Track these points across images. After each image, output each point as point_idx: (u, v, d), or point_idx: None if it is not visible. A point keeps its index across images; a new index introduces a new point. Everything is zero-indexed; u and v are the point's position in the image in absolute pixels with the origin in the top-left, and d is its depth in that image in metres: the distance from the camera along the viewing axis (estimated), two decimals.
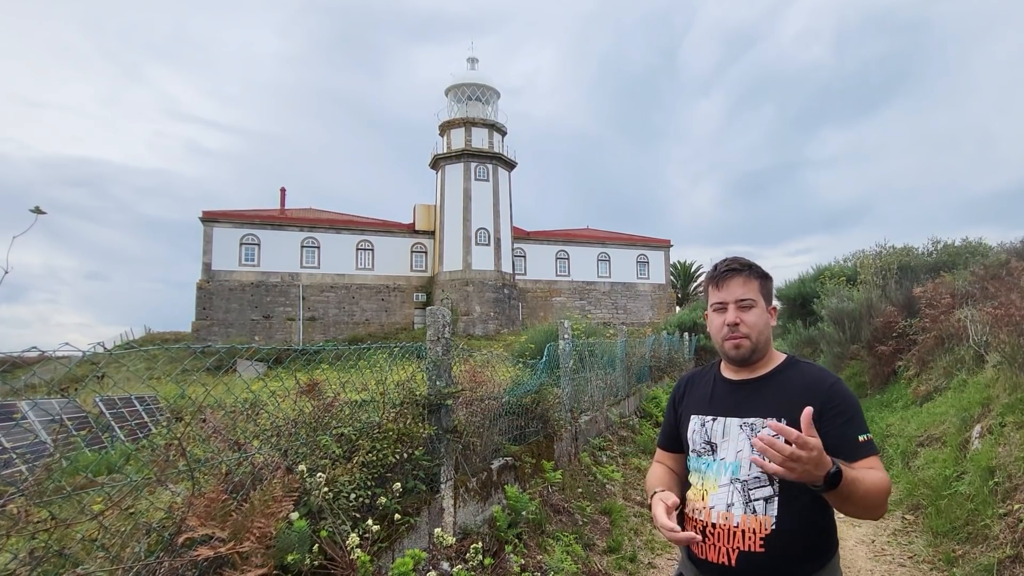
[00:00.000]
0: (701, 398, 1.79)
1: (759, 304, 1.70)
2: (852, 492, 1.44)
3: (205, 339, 35.73)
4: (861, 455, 1.53)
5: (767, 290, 1.74)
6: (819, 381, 1.63)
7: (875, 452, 1.56)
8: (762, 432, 1.49)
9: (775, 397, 1.63)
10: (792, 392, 1.62)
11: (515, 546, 3.87)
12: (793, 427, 1.48)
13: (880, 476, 1.51)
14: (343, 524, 2.60)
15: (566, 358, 6.51)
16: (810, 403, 1.50)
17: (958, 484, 4.79)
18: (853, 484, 1.44)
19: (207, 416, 2.96)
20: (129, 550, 2.03)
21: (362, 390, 3.47)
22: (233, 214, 39.32)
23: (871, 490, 1.47)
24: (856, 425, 1.56)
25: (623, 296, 46.59)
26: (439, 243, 41.28)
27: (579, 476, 5.93)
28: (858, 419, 1.57)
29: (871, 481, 1.48)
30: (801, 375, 1.66)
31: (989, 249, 12.71)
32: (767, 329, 1.71)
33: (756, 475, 1.57)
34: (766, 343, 1.71)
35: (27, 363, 2.24)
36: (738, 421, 1.64)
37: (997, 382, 5.74)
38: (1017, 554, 3.64)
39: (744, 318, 1.68)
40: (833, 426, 1.54)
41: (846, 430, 1.55)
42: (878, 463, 1.55)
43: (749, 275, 1.71)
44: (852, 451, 1.53)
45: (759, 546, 1.54)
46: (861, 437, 1.55)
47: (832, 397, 1.58)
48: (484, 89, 42.65)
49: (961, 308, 8.13)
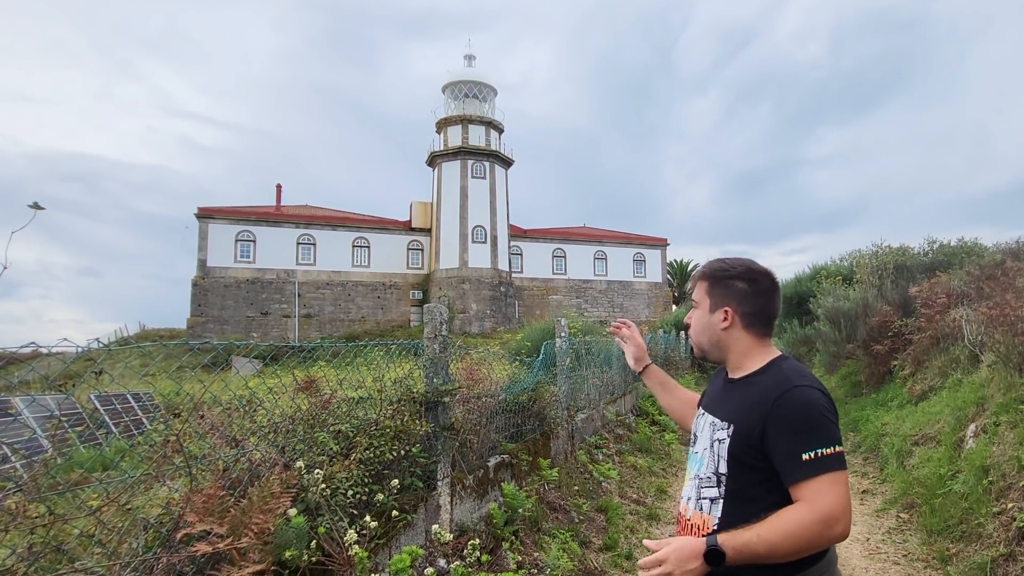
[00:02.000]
0: (711, 392, 1.80)
1: (701, 306, 1.69)
2: (751, 556, 1.36)
3: (200, 336, 35.64)
4: (801, 476, 1.37)
5: (715, 290, 1.67)
6: (772, 389, 1.47)
7: (822, 472, 1.35)
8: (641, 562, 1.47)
9: (735, 402, 1.58)
10: (750, 400, 1.52)
11: (512, 543, 3.88)
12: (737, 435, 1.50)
13: (796, 516, 1.35)
14: (341, 520, 2.60)
15: (563, 356, 6.52)
16: (758, 414, 1.46)
17: (952, 483, 4.81)
18: (747, 548, 1.35)
19: (204, 413, 2.96)
20: (126, 546, 2.02)
21: (359, 387, 3.47)
22: (228, 210, 39.20)
23: (778, 545, 1.34)
24: (802, 440, 1.38)
25: (620, 294, 46.64)
26: (436, 240, 41.24)
27: (575, 474, 5.94)
28: (806, 434, 1.38)
29: (776, 532, 1.34)
30: (763, 381, 1.54)
31: (985, 249, 12.75)
32: (708, 330, 1.66)
33: (708, 475, 1.57)
34: (712, 345, 1.67)
35: (22, 359, 2.23)
36: (711, 419, 1.64)
37: (992, 382, 5.77)
38: (1010, 552, 3.67)
39: (692, 318, 1.72)
40: (777, 442, 1.41)
41: (789, 447, 1.39)
42: (820, 486, 1.35)
43: (699, 277, 1.72)
44: (792, 471, 1.38)
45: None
46: (806, 455, 1.36)
47: (778, 408, 1.43)
48: (481, 86, 42.61)
49: (957, 308, 8.16)
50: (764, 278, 1.65)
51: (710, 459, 1.57)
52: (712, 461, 1.56)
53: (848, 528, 1.37)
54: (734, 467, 1.50)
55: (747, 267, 1.67)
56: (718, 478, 1.54)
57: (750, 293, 1.64)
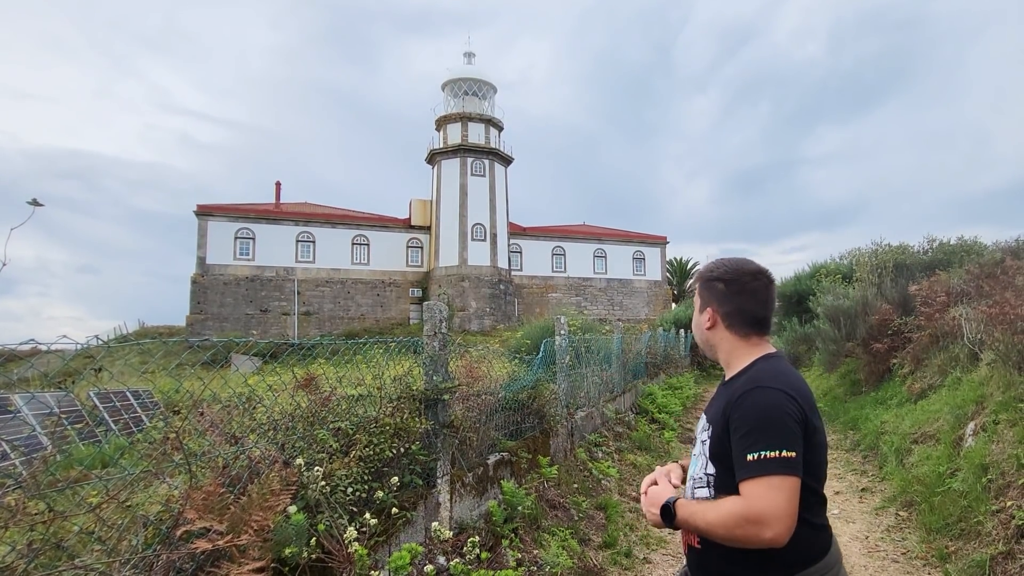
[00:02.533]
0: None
1: (696, 307, 1.77)
2: (693, 526, 1.52)
3: (200, 333, 35.63)
4: (742, 475, 1.43)
5: (702, 293, 1.73)
6: (739, 388, 1.54)
7: (761, 474, 1.39)
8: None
9: (718, 403, 1.63)
10: (728, 398, 1.57)
11: (511, 541, 3.88)
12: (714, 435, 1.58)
13: (728, 508, 1.42)
14: (340, 518, 2.60)
15: (562, 354, 6.52)
16: (726, 412, 1.54)
17: (951, 481, 4.81)
18: (691, 518, 1.51)
19: (204, 410, 2.95)
20: (126, 543, 2.02)
21: (359, 385, 3.47)
22: (228, 208, 39.17)
23: (712, 524, 1.44)
24: (748, 441, 1.43)
25: (619, 292, 46.65)
26: (435, 238, 41.23)
27: (575, 472, 5.94)
28: (755, 434, 1.43)
29: (712, 516, 1.45)
30: (741, 381, 1.58)
31: (984, 248, 12.76)
32: (698, 331, 1.77)
33: (700, 475, 1.61)
34: (705, 346, 1.75)
35: (22, 356, 2.23)
36: (704, 420, 1.69)
37: (991, 380, 5.77)
38: (1009, 550, 3.67)
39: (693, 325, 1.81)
40: (734, 439, 1.48)
41: (739, 446, 1.46)
42: (756, 487, 1.39)
43: (695, 280, 1.81)
44: (738, 469, 1.45)
45: (696, 542, 1.60)
46: (750, 456, 1.41)
47: (738, 407, 1.50)
48: (481, 84, 42.58)
49: (956, 306, 8.16)
50: (745, 277, 1.67)
51: (701, 460, 1.63)
52: (703, 462, 1.61)
53: (782, 536, 1.37)
54: (717, 467, 1.56)
55: (729, 267, 1.69)
56: (708, 479, 1.59)
57: (727, 293, 1.67)
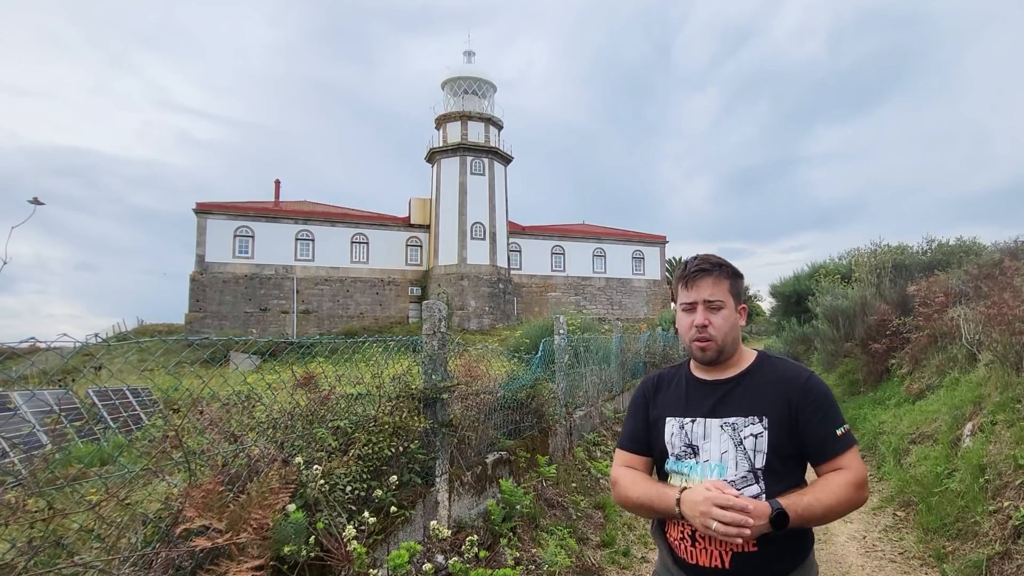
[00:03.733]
0: (676, 400, 1.75)
1: (728, 305, 1.67)
2: (809, 519, 1.49)
3: (199, 331, 35.60)
4: (839, 449, 1.56)
5: (737, 289, 1.71)
6: (794, 376, 1.63)
7: (852, 444, 1.58)
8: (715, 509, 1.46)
9: (752, 395, 1.63)
10: (768, 389, 1.63)
11: (509, 539, 3.89)
12: (775, 425, 1.58)
13: (846, 480, 1.52)
14: (339, 516, 2.61)
15: (561, 353, 6.53)
16: (787, 399, 1.59)
17: (949, 481, 4.82)
18: (807, 513, 1.48)
19: (203, 408, 2.96)
20: (125, 540, 2.03)
21: (358, 383, 3.47)
22: (227, 206, 39.12)
23: (832, 506, 1.50)
24: (833, 419, 1.58)
25: (618, 292, 46.64)
26: (434, 237, 41.20)
27: (573, 471, 5.95)
28: (834, 412, 1.59)
29: (832, 497, 1.50)
30: (775, 371, 1.67)
31: (983, 248, 12.76)
32: (734, 330, 1.69)
33: (743, 474, 1.56)
34: (733, 344, 1.69)
35: (21, 354, 2.23)
36: (718, 422, 1.62)
37: (989, 381, 5.78)
38: (1006, 551, 3.68)
39: (712, 320, 1.66)
40: (811, 422, 1.57)
41: (824, 426, 1.57)
42: (853, 457, 1.57)
43: (719, 275, 1.68)
44: (832, 447, 1.56)
45: (753, 545, 1.52)
46: (839, 431, 1.57)
47: (808, 392, 1.59)
48: (481, 83, 42.52)
49: (955, 307, 8.17)
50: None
51: (741, 459, 1.58)
52: (746, 460, 1.58)
53: (868, 492, 1.59)
54: (772, 458, 1.57)
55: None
56: (755, 474, 1.57)
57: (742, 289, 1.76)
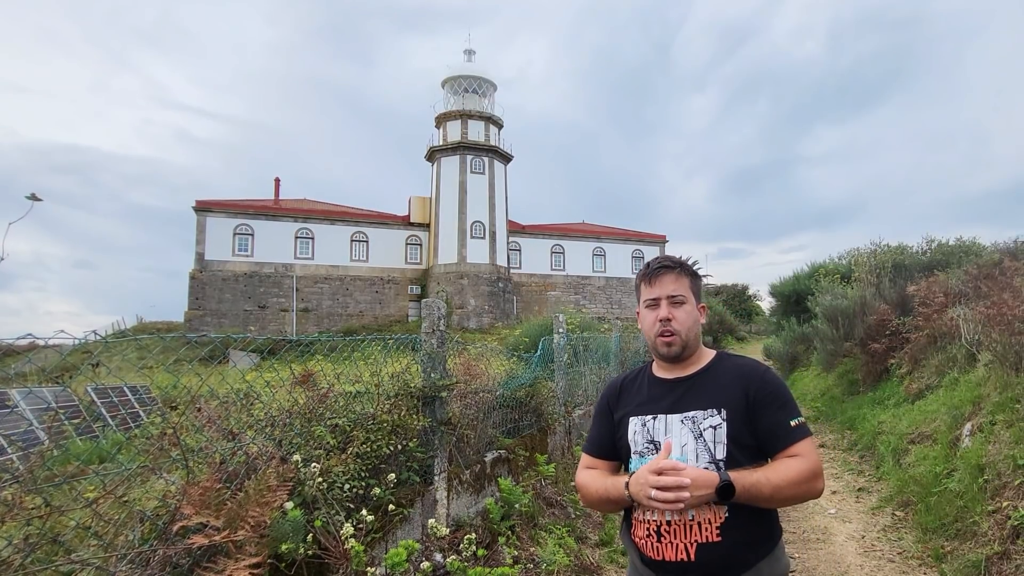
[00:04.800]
0: (637, 399, 1.80)
1: (689, 301, 1.76)
2: (756, 496, 1.53)
3: (198, 329, 35.58)
4: (793, 439, 1.61)
5: (697, 288, 1.80)
6: (751, 370, 1.71)
7: (807, 435, 1.64)
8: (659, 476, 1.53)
9: (712, 389, 1.69)
10: (727, 383, 1.69)
11: (508, 538, 3.89)
12: (733, 416, 1.64)
13: (797, 466, 1.57)
14: (337, 514, 2.60)
15: (560, 352, 6.52)
16: (744, 391, 1.66)
17: (948, 481, 4.82)
18: (754, 489, 1.53)
19: (201, 406, 2.95)
20: (123, 538, 2.02)
21: (356, 382, 3.47)
22: (227, 204, 39.10)
23: (781, 486, 1.54)
24: (788, 410, 1.64)
25: (618, 291, 46.63)
26: (434, 236, 41.17)
27: (572, 469, 5.94)
28: (790, 405, 1.65)
29: (781, 477, 1.55)
30: (734, 367, 1.74)
31: (983, 248, 12.77)
32: (696, 326, 1.76)
33: (704, 466, 1.60)
34: (696, 340, 1.76)
35: (19, 351, 2.23)
36: (679, 416, 1.68)
37: (988, 381, 5.78)
38: (1005, 551, 3.68)
39: (676, 314, 1.73)
40: (767, 413, 1.64)
41: (778, 416, 1.63)
42: (808, 447, 1.61)
43: (680, 272, 1.77)
44: (785, 436, 1.62)
45: (716, 535, 1.57)
46: (793, 422, 1.63)
47: (765, 384, 1.66)
48: (481, 81, 42.49)
49: (954, 307, 8.17)
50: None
51: (701, 450, 1.63)
52: (705, 451, 1.62)
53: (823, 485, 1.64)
54: (732, 448, 1.61)
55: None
56: (716, 465, 1.60)
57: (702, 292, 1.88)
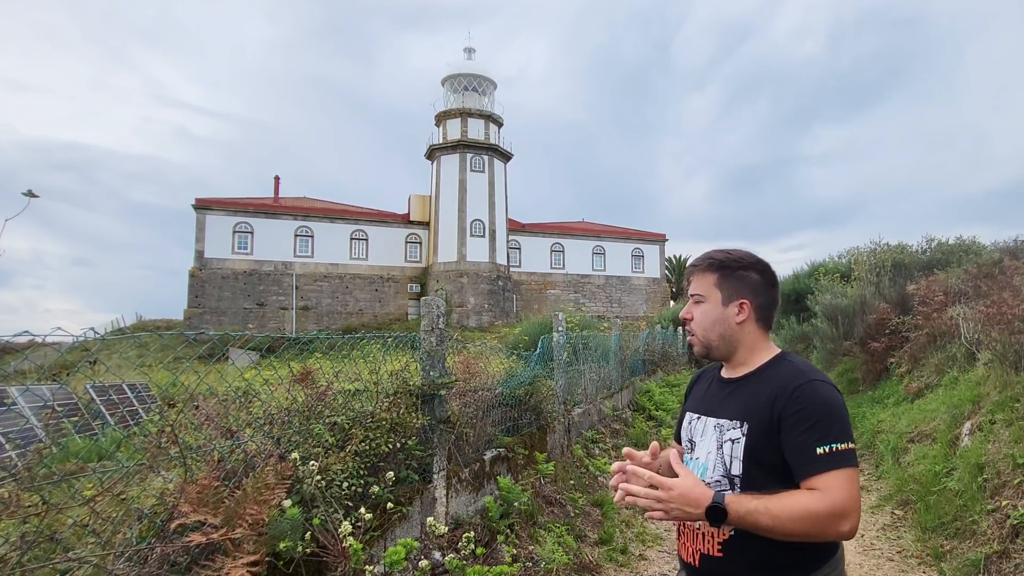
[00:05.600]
0: (699, 395, 1.75)
1: (710, 299, 1.60)
2: (753, 525, 1.35)
3: (198, 327, 35.58)
4: (815, 469, 1.36)
5: (728, 282, 1.60)
6: (787, 382, 1.47)
7: (837, 466, 1.35)
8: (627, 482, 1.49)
9: (743, 399, 1.54)
10: (760, 394, 1.50)
11: (507, 536, 3.88)
12: (754, 432, 1.46)
13: (808, 502, 1.33)
14: (336, 512, 2.60)
15: (560, 351, 6.52)
16: (772, 407, 1.44)
17: (947, 480, 4.82)
18: (751, 516, 1.34)
19: (199, 403, 2.95)
20: (120, 535, 2.02)
21: (355, 380, 3.46)
22: (226, 202, 39.09)
23: (782, 521, 1.32)
24: (817, 434, 1.37)
25: (618, 290, 46.65)
26: (434, 234, 41.18)
27: (572, 468, 5.95)
28: (821, 427, 1.38)
29: (783, 510, 1.33)
30: (776, 375, 1.52)
31: (983, 248, 12.78)
32: (719, 326, 1.59)
33: (717, 478, 1.52)
34: (722, 340, 1.60)
35: (17, 348, 2.22)
36: (714, 421, 1.59)
37: (988, 380, 5.78)
38: (1004, 550, 3.68)
39: (694, 314, 1.63)
40: (791, 434, 1.40)
41: (804, 440, 1.38)
42: (833, 481, 1.34)
43: (705, 269, 1.62)
44: (805, 464, 1.38)
45: (717, 550, 1.51)
46: (821, 449, 1.36)
47: (795, 401, 1.42)
48: (481, 80, 42.47)
49: (954, 306, 8.17)
50: (771, 268, 1.65)
51: (717, 462, 1.53)
52: (721, 463, 1.52)
53: (856, 526, 1.34)
54: (749, 466, 1.47)
55: (755, 257, 1.64)
56: (731, 480, 1.49)
57: (763, 284, 1.61)
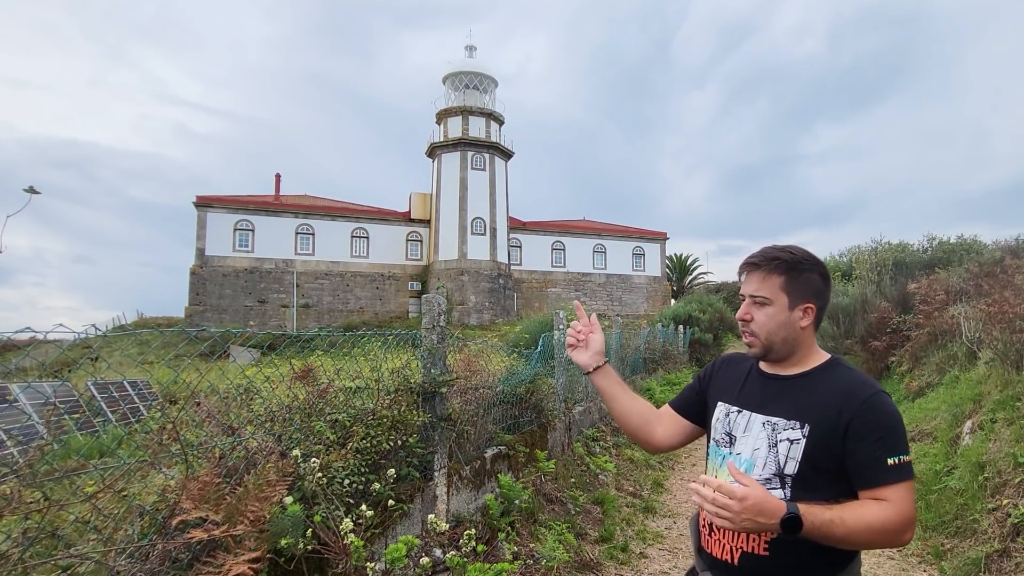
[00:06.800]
0: (732, 384, 1.69)
1: (777, 303, 1.53)
2: (827, 535, 1.35)
3: (198, 324, 35.59)
4: (885, 480, 1.37)
5: (795, 285, 1.54)
6: (857, 388, 1.46)
7: (906, 478, 1.38)
8: (707, 488, 1.37)
9: (803, 399, 1.51)
10: (824, 397, 1.48)
11: (508, 534, 3.89)
12: (815, 436, 1.44)
13: (881, 512, 1.35)
14: (337, 509, 2.60)
15: (560, 349, 6.52)
16: (839, 411, 1.43)
17: (948, 479, 4.82)
18: (827, 527, 1.34)
19: (201, 401, 2.95)
20: (122, 532, 2.02)
21: (356, 377, 3.46)
22: (227, 199, 39.06)
23: (856, 531, 1.34)
24: (888, 445, 1.39)
25: (618, 288, 46.61)
26: (435, 232, 41.15)
27: (572, 466, 5.95)
28: (892, 438, 1.39)
29: (857, 521, 1.35)
30: (839, 379, 1.50)
31: (984, 246, 12.78)
32: (783, 330, 1.54)
33: (767, 476, 1.49)
34: (784, 343, 1.55)
35: (19, 345, 2.22)
36: (762, 418, 1.55)
37: (989, 379, 5.78)
38: (1005, 548, 3.68)
39: (755, 315, 1.56)
40: (862, 444, 1.40)
41: (874, 450, 1.39)
42: (901, 492, 1.37)
43: (770, 271, 1.55)
44: (875, 475, 1.38)
45: (763, 548, 1.47)
46: (891, 460, 1.37)
47: (867, 410, 1.41)
48: (482, 78, 42.40)
49: (955, 305, 8.17)
50: (826, 266, 1.62)
51: (770, 460, 1.50)
52: (774, 462, 1.49)
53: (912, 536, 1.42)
54: (806, 468, 1.45)
55: (815, 257, 1.59)
56: (782, 480, 1.47)
57: (824, 286, 1.58)
